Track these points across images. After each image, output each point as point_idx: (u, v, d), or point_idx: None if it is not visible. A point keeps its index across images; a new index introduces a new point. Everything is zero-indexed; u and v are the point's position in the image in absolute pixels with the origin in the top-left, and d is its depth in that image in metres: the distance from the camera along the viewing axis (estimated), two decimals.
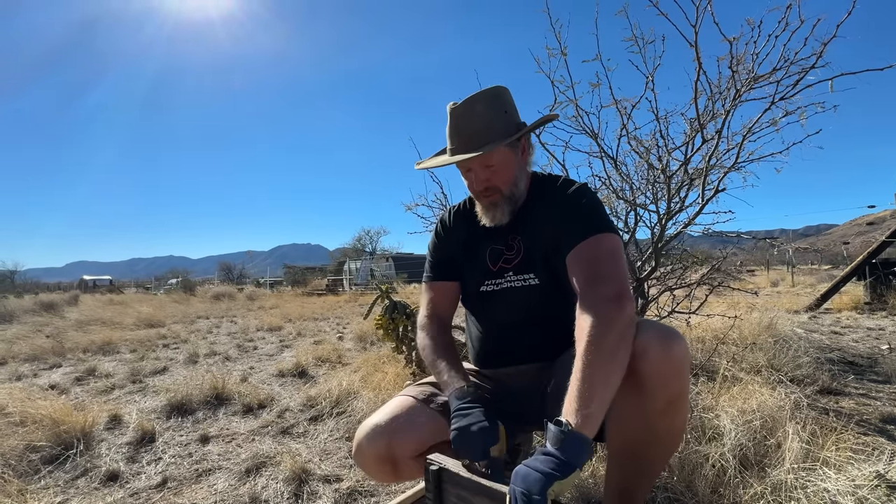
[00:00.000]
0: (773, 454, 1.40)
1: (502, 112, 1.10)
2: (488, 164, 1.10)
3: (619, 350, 0.84)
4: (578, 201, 1.09)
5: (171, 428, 2.21)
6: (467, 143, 1.08)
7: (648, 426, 0.91)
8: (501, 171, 1.11)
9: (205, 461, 1.82)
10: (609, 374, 0.82)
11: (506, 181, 1.12)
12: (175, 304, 11.21)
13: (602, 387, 0.81)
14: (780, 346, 2.93)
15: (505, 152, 1.10)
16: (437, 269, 1.28)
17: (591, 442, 0.79)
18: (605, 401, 0.81)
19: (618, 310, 0.87)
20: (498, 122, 1.09)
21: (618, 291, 0.90)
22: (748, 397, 1.78)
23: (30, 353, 4.30)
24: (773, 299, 7.80)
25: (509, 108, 1.12)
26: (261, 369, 3.60)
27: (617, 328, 0.85)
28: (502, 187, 1.12)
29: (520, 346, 1.18)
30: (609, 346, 0.83)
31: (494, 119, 1.09)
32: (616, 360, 0.83)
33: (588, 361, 0.83)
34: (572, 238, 1.02)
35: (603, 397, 0.80)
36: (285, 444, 1.96)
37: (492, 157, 1.08)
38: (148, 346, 4.90)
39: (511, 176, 1.12)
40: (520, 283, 1.16)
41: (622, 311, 0.87)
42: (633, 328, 0.87)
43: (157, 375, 3.45)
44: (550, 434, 0.77)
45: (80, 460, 1.80)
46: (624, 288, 0.92)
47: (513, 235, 1.18)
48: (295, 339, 5.34)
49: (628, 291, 0.92)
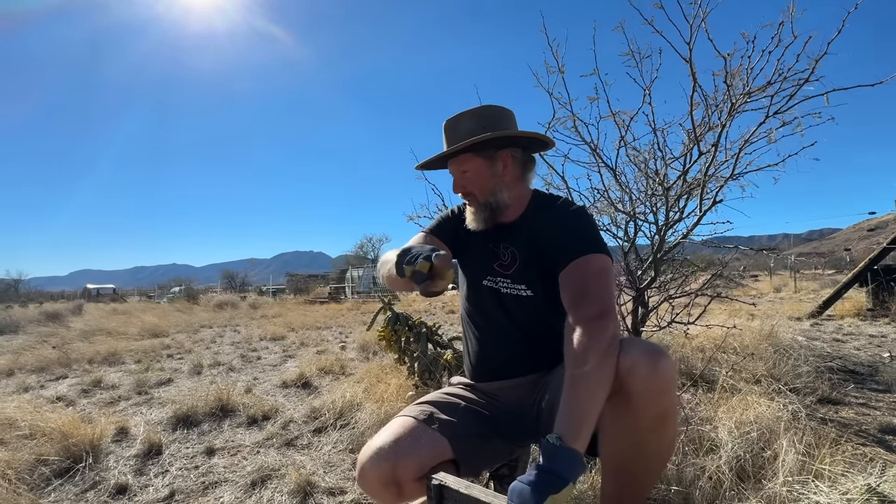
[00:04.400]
0: (770, 466, 1.42)
1: (481, 127, 1.18)
2: (463, 171, 1.21)
3: (603, 366, 0.89)
4: (574, 222, 1.14)
5: (177, 440, 2.24)
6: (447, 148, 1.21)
7: (638, 442, 0.95)
8: (474, 179, 1.20)
9: (211, 474, 1.85)
10: (594, 388, 0.88)
11: (481, 190, 1.20)
12: (178, 313, 11.26)
13: (588, 401, 0.87)
14: (780, 355, 2.95)
15: (477, 162, 1.19)
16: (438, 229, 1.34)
17: (583, 455, 0.83)
18: (592, 414, 0.87)
19: (600, 328, 0.93)
20: (476, 133, 1.17)
21: (601, 310, 0.96)
22: (746, 408, 1.80)
23: (36, 365, 4.34)
24: (776, 306, 7.79)
25: (490, 123, 1.19)
26: (265, 380, 3.63)
27: (600, 345, 0.90)
28: (478, 194, 1.21)
29: (515, 359, 1.22)
30: (592, 362, 0.89)
31: (473, 131, 1.18)
32: (601, 374, 0.89)
33: (574, 378, 0.89)
34: (564, 257, 1.08)
35: (589, 411, 0.86)
36: (290, 456, 1.99)
37: (464, 164, 1.20)
38: (152, 356, 4.94)
39: (486, 185, 1.20)
40: (514, 293, 1.21)
41: (605, 330, 0.93)
42: (615, 345, 0.92)
43: (162, 387, 3.48)
44: (544, 449, 0.82)
45: (89, 473, 1.83)
46: (607, 307, 0.97)
47: (505, 244, 1.23)
48: (298, 348, 5.37)
49: (612, 311, 0.98)
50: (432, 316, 7.03)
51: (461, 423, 1.14)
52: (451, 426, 1.11)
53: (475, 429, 1.15)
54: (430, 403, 1.22)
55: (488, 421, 1.19)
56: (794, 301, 9.51)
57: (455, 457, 1.08)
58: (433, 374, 2.51)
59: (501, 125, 1.21)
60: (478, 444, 1.15)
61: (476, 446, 1.14)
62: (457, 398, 1.24)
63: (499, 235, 1.23)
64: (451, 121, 1.24)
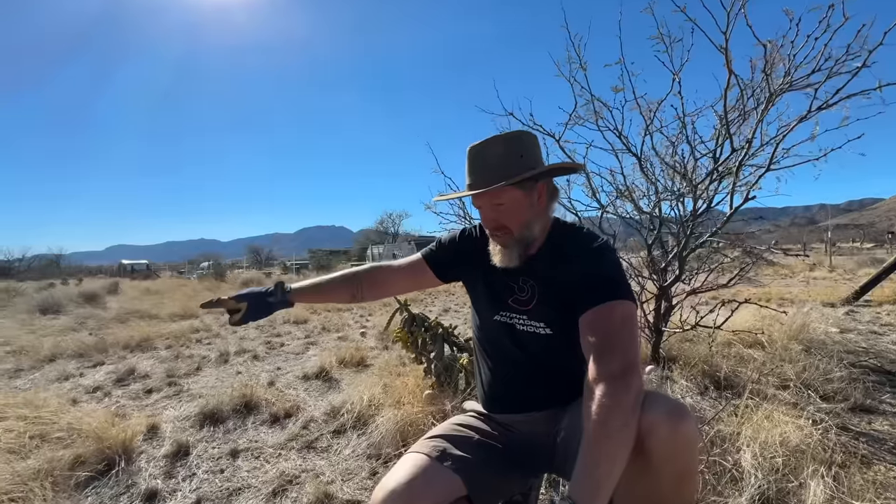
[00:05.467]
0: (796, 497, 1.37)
1: (518, 155, 1.10)
2: (497, 203, 1.11)
3: (625, 429, 0.86)
4: (598, 262, 1.08)
5: (203, 439, 2.33)
6: (478, 180, 1.12)
7: (659, 499, 0.93)
8: (510, 212, 1.11)
9: (235, 478, 1.92)
10: (615, 453, 0.85)
11: (516, 224, 1.12)
12: (207, 291, 11.65)
13: (607, 467, 0.84)
14: (811, 357, 2.83)
15: (515, 193, 1.10)
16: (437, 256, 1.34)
17: None
18: (611, 479, 0.84)
19: (625, 388, 0.88)
20: (509, 164, 1.09)
21: (625, 366, 0.91)
22: (773, 426, 1.73)
23: (75, 350, 4.58)
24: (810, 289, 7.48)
25: (527, 151, 1.12)
26: (287, 370, 3.73)
27: (623, 408, 0.87)
28: (513, 229, 1.12)
29: (530, 395, 1.19)
30: (615, 426, 0.86)
31: (506, 160, 1.10)
32: (622, 438, 0.86)
33: (594, 440, 0.86)
34: (587, 301, 1.02)
35: (609, 475, 0.84)
36: (310, 461, 2.05)
37: (500, 196, 1.10)
38: (182, 341, 5.14)
39: (522, 219, 1.12)
40: (532, 330, 1.17)
41: (629, 390, 0.89)
42: (638, 405, 0.89)
43: (191, 377, 3.63)
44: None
45: (121, 477, 1.93)
46: (631, 362, 0.93)
47: (524, 278, 1.18)
48: (320, 333, 5.50)
49: (636, 366, 0.93)
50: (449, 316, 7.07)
51: (474, 457, 1.12)
52: (465, 462, 1.09)
53: (489, 463, 1.13)
54: (442, 438, 1.20)
55: (502, 454, 1.18)
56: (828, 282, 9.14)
57: (468, 493, 1.08)
58: (450, 376, 2.52)
59: (534, 152, 1.14)
60: (491, 479, 1.13)
61: (489, 481, 1.13)
62: (470, 430, 1.21)
63: (518, 268, 1.16)
64: (477, 147, 1.14)
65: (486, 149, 1.12)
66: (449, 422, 1.28)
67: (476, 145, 1.14)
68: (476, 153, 1.14)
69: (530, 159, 1.12)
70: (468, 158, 1.15)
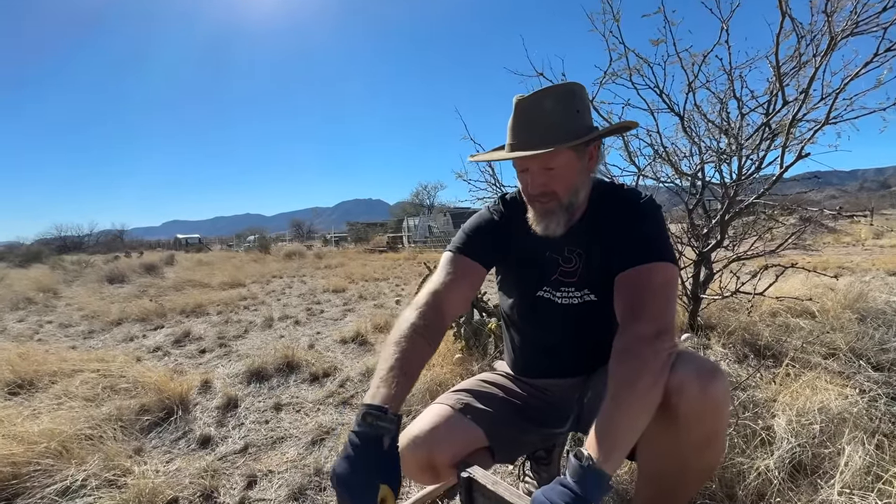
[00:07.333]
0: (831, 463, 1.32)
1: (574, 111, 0.99)
2: (548, 167, 1.00)
3: (650, 393, 0.83)
4: (640, 220, 1.02)
5: (250, 394, 2.53)
6: (529, 140, 0.99)
7: (680, 459, 0.91)
8: (562, 176, 1.00)
9: (278, 429, 2.09)
10: (637, 415, 0.82)
11: (566, 188, 1.02)
12: (253, 262, 12.29)
13: (628, 427, 0.82)
14: (866, 326, 2.65)
15: (570, 156, 0.99)
16: (473, 245, 1.12)
17: (610, 478, 0.81)
18: (630, 440, 0.82)
19: (654, 351, 0.85)
20: (567, 122, 0.99)
21: (658, 329, 0.87)
22: (813, 395, 1.66)
23: (138, 315, 5.00)
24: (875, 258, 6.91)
25: (582, 107, 1.01)
26: (326, 334, 3.92)
27: (650, 371, 0.83)
28: (561, 194, 1.02)
29: (565, 362, 1.18)
30: (640, 389, 0.82)
31: (563, 118, 0.98)
32: (646, 402, 0.83)
33: (617, 399, 0.83)
34: (625, 260, 0.97)
35: (628, 437, 0.81)
36: (345, 415, 2.18)
37: (554, 159, 0.98)
38: (231, 307, 5.50)
39: (572, 183, 1.02)
40: (577, 301, 1.12)
41: (659, 353, 0.85)
42: (667, 369, 0.85)
43: (239, 340, 3.90)
44: (571, 466, 0.79)
45: (179, 423, 2.14)
46: (665, 327, 0.89)
47: (570, 248, 1.11)
48: (357, 301, 5.71)
49: (670, 330, 0.89)
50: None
51: (497, 413, 1.14)
52: (487, 416, 1.12)
53: (511, 419, 1.15)
54: (467, 392, 1.21)
55: (526, 412, 1.18)
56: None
57: (490, 445, 1.11)
58: (479, 340, 2.57)
59: (587, 105, 1.03)
60: (513, 434, 1.15)
61: (511, 436, 1.15)
62: (495, 387, 1.23)
63: (562, 238, 1.07)
64: (526, 101, 0.99)
65: (536, 104, 0.98)
66: (475, 377, 1.30)
67: (524, 99, 1.00)
68: (525, 108, 0.99)
69: (585, 115, 1.02)
70: (514, 113, 1.02)
